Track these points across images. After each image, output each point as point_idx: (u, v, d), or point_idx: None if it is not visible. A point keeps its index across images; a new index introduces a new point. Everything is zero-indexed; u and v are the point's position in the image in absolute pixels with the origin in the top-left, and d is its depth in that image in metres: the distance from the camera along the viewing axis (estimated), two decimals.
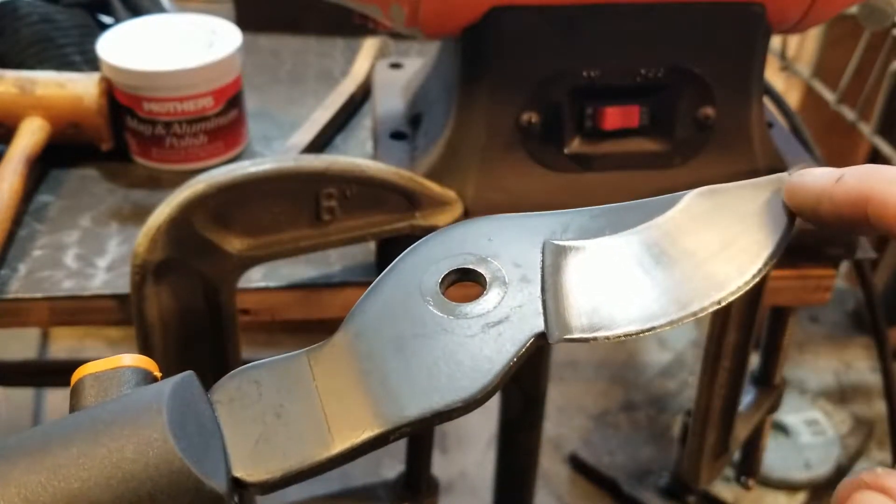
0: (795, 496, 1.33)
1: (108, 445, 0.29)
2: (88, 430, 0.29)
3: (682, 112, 0.59)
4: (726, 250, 0.35)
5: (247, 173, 0.51)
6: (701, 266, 0.35)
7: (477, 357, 0.32)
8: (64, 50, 0.74)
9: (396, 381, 0.33)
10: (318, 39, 0.92)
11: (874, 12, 0.83)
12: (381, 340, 0.34)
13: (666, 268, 0.35)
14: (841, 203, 0.33)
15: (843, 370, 1.61)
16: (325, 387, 0.33)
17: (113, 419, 0.29)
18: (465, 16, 0.55)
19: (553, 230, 0.36)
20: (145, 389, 0.31)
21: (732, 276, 0.34)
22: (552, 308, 0.33)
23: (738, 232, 0.36)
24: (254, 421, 0.32)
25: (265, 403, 0.32)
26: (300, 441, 0.31)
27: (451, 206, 0.57)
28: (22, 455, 0.29)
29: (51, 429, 0.30)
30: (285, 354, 0.34)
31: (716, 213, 0.36)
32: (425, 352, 0.33)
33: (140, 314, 0.52)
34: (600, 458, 1.46)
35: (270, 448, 0.31)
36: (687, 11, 0.56)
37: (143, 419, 0.29)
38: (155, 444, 0.28)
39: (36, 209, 0.65)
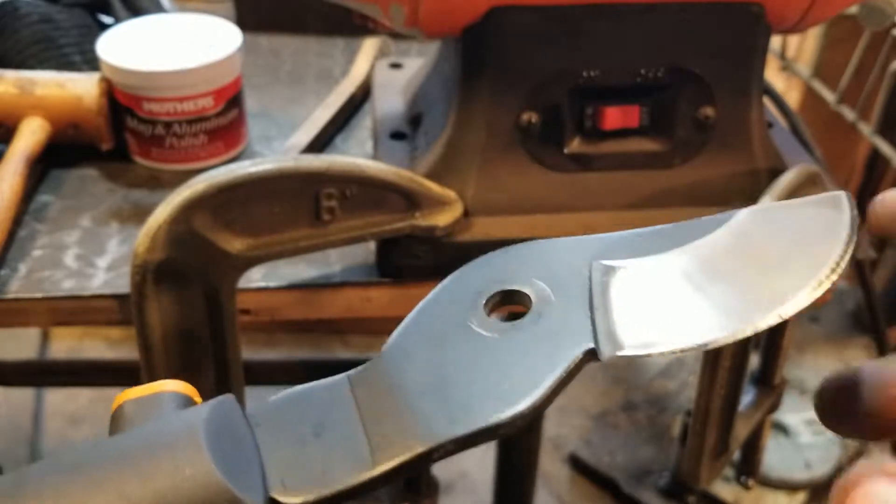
0: (795, 496, 1.34)
1: (144, 467, 0.28)
2: (124, 452, 0.29)
3: (682, 112, 0.59)
4: (784, 265, 0.34)
5: (247, 173, 0.51)
6: (757, 281, 0.33)
7: (524, 374, 0.31)
8: (64, 50, 0.74)
9: (441, 400, 0.32)
10: (318, 39, 0.92)
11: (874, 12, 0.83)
12: (423, 361, 0.33)
13: (720, 284, 0.34)
14: None
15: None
16: (367, 408, 0.32)
17: (150, 441, 0.29)
18: (464, 16, 0.55)
19: (598, 251, 0.35)
20: (183, 412, 0.31)
21: (792, 290, 0.33)
22: (602, 325, 0.32)
23: (794, 248, 0.34)
24: (293, 443, 0.31)
25: (305, 425, 0.32)
26: (340, 462, 0.31)
27: (451, 206, 0.57)
28: (54, 481, 0.28)
29: (86, 452, 0.29)
30: (325, 379, 0.34)
31: (770, 229, 0.35)
32: (470, 370, 0.32)
33: (140, 314, 0.52)
34: (600, 458, 1.46)
35: (310, 469, 0.31)
36: (687, 11, 0.56)
37: (180, 440, 0.29)
38: (192, 464, 0.28)
39: (36, 209, 0.65)
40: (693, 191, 0.61)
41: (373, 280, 0.59)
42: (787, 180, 0.58)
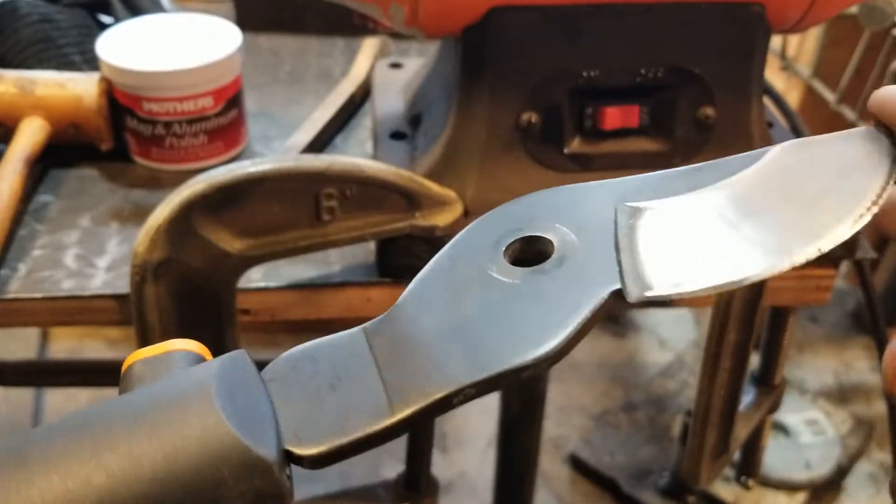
0: (795, 496, 1.33)
1: (152, 423, 0.28)
2: (133, 410, 0.29)
3: (682, 112, 0.59)
4: (821, 199, 0.32)
5: (247, 173, 0.51)
6: (794, 216, 0.32)
7: (547, 317, 0.30)
8: (64, 50, 0.74)
9: (460, 345, 0.31)
10: (318, 39, 0.92)
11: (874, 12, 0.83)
12: (441, 308, 0.32)
13: (754, 220, 0.32)
14: None
15: (843, 370, 1.61)
16: (384, 357, 0.31)
17: (159, 397, 0.29)
18: (465, 16, 0.55)
19: (623, 194, 0.34)
20: (193, 368, 0.30)
21: (832, 223, 0.31)
22: (629, 267, 0.31)
23: (832, 182, 0.33)
24: (308, 396, 0.31)
25: (320, 379, 0.31)
26: (357, 412, 0.30)
27: (451, 206, 0.57)
28: (60, 442, 0.28)
29: (93, 412, 0.29)
30: (339, 333, 0.33)
31: (805, 165, 0.33)
32: (490, 316, 0.31)
33: (140, 314, 0.52)
34: (600, 458, 1.46)
35: (325, 421, 0.30)
36: (687, 11, 0.56)
37: (190, 395, 0.28)
38: (202, 418, 0.28)
39: (36, 209, 0.65)
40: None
41: (373, 280, 0.59)
42: None
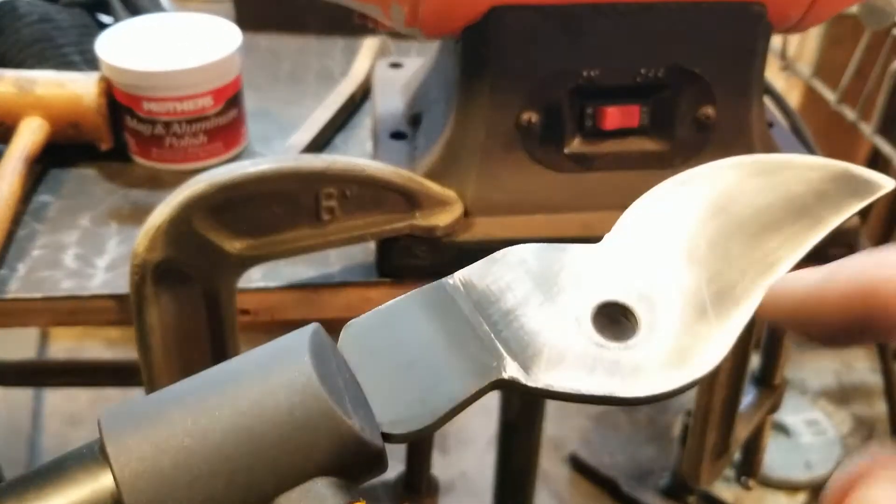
0: (796, 496, 1.34)
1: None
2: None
3: (683, 112, 0.59)
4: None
5: (246, 173, 0.51)
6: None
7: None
8: (63, 50, 0.74)
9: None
10: (318, 39, 0.92)
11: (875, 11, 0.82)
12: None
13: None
14: (838, 306, 0.28)
15: (843, 370, 1.61)
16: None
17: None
18: (465, 15, 0.55)
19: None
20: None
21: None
22: None
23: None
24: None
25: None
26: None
27: (450, 206, 0.57)
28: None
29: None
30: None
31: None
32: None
33: (139, 314, 0.52)
34: (600, 459, 1.46)
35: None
36: (687, 11, 0.56)
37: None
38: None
39: (35, 209, 0.65)
40: None
41: (372, 280, 0.59)
42: None
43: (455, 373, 0.31)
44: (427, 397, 0.31)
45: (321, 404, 0.28)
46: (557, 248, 0.36)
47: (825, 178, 0.38)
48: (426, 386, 0.31)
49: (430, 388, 0.31)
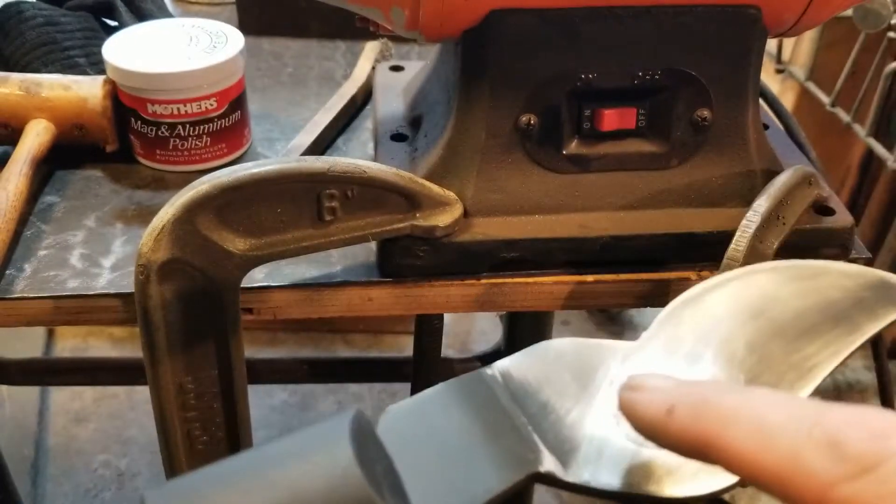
0: None
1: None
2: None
3: (679, 114, 0.59)
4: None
5: (250, 174, 0.52)
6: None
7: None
8: (68, 53, 0.74)
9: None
10: (320, 43, 0.93)
11: (869, 14, 0.83)
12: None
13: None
14: (678, 441, 0.29)
15: (838, 369, 1.61)
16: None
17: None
18: (464, 19, 0.55)
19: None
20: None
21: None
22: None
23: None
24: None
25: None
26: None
27: (451, 207, 0.58)
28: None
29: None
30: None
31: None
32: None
33: (144, 313, 0.53)
34: None
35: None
36: (684, 14, 0.56)
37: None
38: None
39: (41, 210, 0.66)
40: (689, 191, 0.61)
41: (374, 280, 0.60)
42: (782, 181, 0.58)
43: (492, 464, 0.31)
44: (464, 488, 0.30)
45: (361, 492, 0.28)
46: (596, 344, 0.36)
47: (862, 286, 0.38)
48: (463, 477, 0.31)
49: (468, 480, 0.31)
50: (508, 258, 0.59)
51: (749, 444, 0.27)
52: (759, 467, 0.27)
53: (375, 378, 1.44)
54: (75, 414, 1.59)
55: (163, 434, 0.58)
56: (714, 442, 0.28)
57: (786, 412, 0.27)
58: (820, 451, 0.26)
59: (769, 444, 0.27)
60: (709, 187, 0.61)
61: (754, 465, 0.27)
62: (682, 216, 0.61)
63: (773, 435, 0.27)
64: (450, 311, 0.62)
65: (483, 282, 0.60)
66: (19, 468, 1.41)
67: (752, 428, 0.27)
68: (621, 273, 0.61)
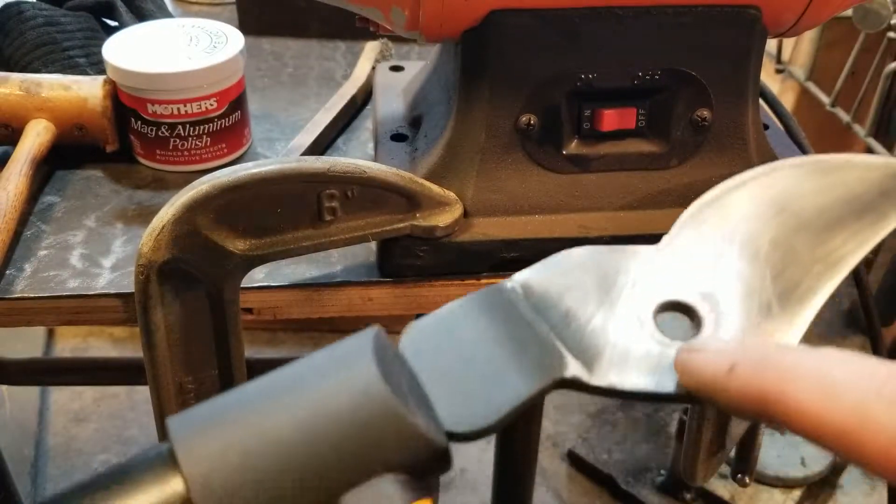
0: (791, 493, 1.34)
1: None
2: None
3: (679, 114, 0.59)
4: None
5: (250, 174, 0.52)
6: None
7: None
8: (69, 53, 0.74)
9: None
10: (320, 43, 0.93)
11: (869, 14, 0.83)
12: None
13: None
14: (739, 399, 0.29)
15: None
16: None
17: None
18: (464, 19, 0.55)
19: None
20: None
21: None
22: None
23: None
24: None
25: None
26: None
27: (451, 207, 0.58)
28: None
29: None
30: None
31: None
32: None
33: (144, 313, 0.53)
34: (598, 456, 1.47)
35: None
36: (683, 14, 0.56)
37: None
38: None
39: (41, 210, 0.66)
40: (689, 191, 0.61)
41: (374, 280, 0.60)
42: None
43: (517, 372, 0.31)
44: (490, 396, 0.30)
45: (386, 404, 0.28)
46: (615, 249, 0.35)
47: (886, 176, 0.37)
48: (489, 385, 0.31)
49: (493, 388, 0.31)
50: (508, 258, 0.59)
51: (813, 400, 0.27)
52: (822, 423, 0.26)
53: None
54: (75, 414, 1.59)
55: (163, 434, 0.58)
56: (776, 398, 0.28)
57: (852, 369, 0.27)
58: (891, 407, 0.25)
59: (834, 399, 0.26)
60: (709, 187, 0.61)
61: (818, 420, 0.27)
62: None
63: (838, 391, 0.26)
64: None
65: (483, 282, 0.60)
66: (19, 468, 1.41)
67: (815, 383, 0.27)
68: None
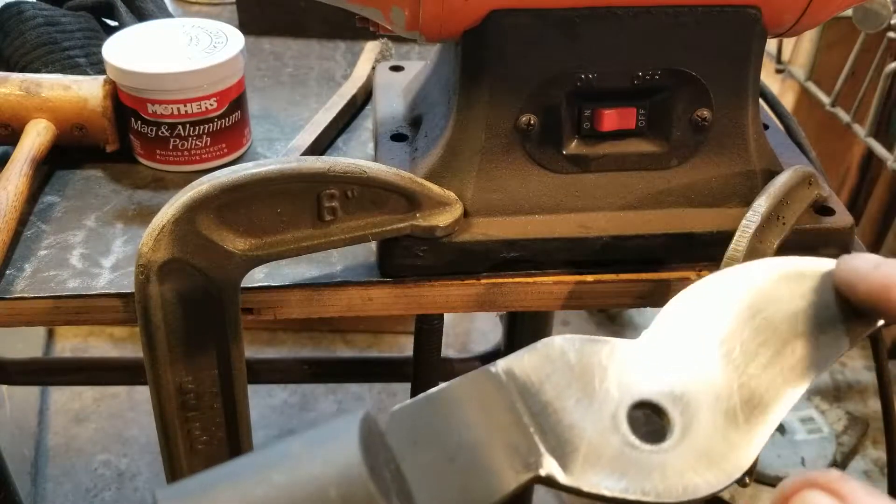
0: None
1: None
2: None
3: (679, 114, 0.59)
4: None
5: (250, 174, 0.52)
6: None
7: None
8: (69, 53, 0.74)
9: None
10: (320, 43, 0.93)
11: (869, 14, 0.83)
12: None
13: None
14: (873, 288, 0.36)
15: (838, 368, 1.61)
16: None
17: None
18: (464, 19, 0.55)
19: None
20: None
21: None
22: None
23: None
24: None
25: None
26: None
27: (451, 207, 0.58)
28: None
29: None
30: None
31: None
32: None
33: (144, 313, 0.53)
34: None
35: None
36: (683, 14, 0.56)
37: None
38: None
39: (41, 210, 0.66)
40: (689, 191, 0.61)
41: (374, 280, 0.60)
42: (782, 181, 0.59)
43: (496, 467, 0.32)
44: (468, 491, 0.31)
45: (368, 496, 0.29)
46: (597, 340, 0.36)
47: None
48: (467, 480, 0.32)
49: (472, 483, 0.32)
50: (508, 258, 0.59)
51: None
52: None
53: (375, 378, 1.44)
54: (75, 414, 1.60)
55: (163, 434, 0.58)
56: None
57: None
58: None
59: None
60: (709, 187, 0.61)
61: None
62: (681, 216, 0.61)
63: None
64: (450, 311, 0.62)
65: (483, 282, 0.60)
66: (19, 468, 1.41)
67: None
68: (621, 273, 0.61)
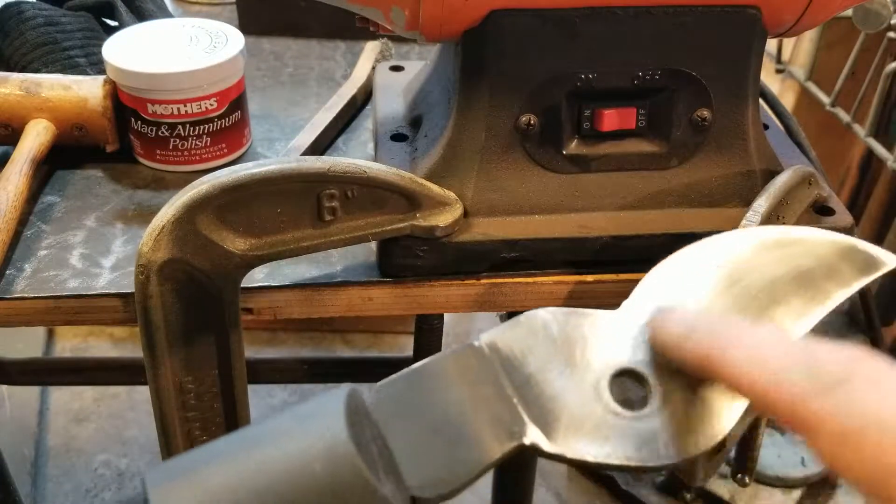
0: (791, 493, 1.34)
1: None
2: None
3: (679, 114, 0.59)
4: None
5: (250, 174, 0.52)
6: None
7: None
8: (69, 53, 0.74)
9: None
10: (320, 43, 0.93)
11: (869, 14, 0.83)
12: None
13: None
14: (689, 358, 0.36)
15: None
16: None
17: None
18: (464, 19, 0.55)
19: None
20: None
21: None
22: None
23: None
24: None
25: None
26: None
27: (451, 207, 0.58)
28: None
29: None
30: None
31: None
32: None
33: (144, 313, 0.53)
34: None
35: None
36: (683, 14, 0.56)
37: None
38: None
39: (41, 210, 0.66)
40: (689, 192, 0.61)
41: (374, 280, 0.60)
42: (782, 181, 0.59)
43: (480, 438, 0.33)
44: (454, 462, 0.32)
45: (358, 476, 0.29)
46: (579, 313, 0.37)
47: (833, 253, 0.39)
48: (453, 451, 0.32)
49: (458, 453, 0.32)
50: (508, 258, 0.59)
51: (744, 364, 0.33)
52: (749, 382, 0.32)
53: (375, 378, 1.43)
54: (75, 414, 1.60)
55: (163, 434, 0.58)
56: (717, 360, 0.33)
57: (780, 342, 0.33)
58: (801, 371, 0.31)
59: (761, 364, 0.32)
60: (709, 187, 0.61)
61: (747, 380, 0.32)
62: (681, 216, 0.61)
63: (765, 358, 0.32)
64: (450, 311, 0.62)
65: (483, 282, 0.60)
66: (19, 468, 1.41)
67: (749, 351, 0.33)
68: (621, 273, 0.61)
